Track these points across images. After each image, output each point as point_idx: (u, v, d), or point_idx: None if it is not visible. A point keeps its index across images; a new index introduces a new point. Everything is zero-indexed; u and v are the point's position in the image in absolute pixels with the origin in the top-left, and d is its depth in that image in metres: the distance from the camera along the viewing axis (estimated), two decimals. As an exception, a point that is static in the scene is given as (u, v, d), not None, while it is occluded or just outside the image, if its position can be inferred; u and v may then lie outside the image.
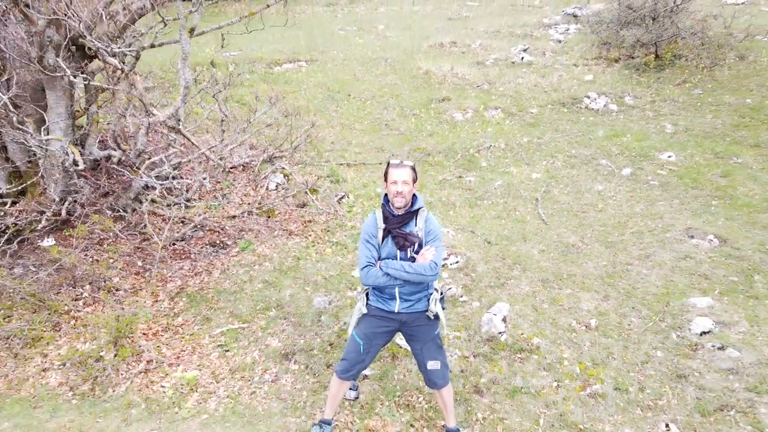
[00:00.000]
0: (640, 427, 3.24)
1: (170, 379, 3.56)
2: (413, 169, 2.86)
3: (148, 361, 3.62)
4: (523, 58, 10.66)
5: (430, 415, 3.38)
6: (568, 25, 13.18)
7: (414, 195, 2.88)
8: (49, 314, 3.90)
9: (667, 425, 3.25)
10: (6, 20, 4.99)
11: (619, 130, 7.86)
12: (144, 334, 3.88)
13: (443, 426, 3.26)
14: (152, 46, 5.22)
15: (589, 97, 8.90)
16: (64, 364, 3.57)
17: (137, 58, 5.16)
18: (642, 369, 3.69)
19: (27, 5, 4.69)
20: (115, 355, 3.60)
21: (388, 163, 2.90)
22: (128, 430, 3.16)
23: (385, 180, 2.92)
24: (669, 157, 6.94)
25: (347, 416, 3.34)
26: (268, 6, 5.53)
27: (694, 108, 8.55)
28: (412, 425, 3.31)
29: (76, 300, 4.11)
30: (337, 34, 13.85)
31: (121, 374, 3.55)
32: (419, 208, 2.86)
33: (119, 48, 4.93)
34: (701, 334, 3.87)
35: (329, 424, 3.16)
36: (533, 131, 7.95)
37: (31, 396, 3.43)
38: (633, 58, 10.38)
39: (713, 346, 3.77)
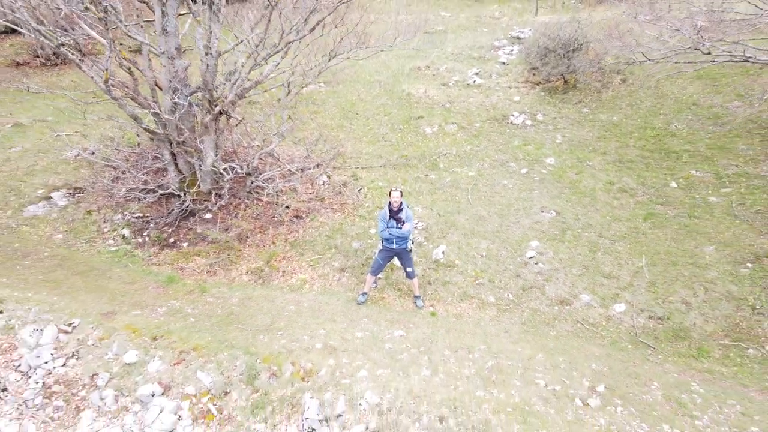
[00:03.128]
0: (497, 295, 7.38)
1: (294, 278, 7.57)
2: (401, 193, 6.79)
3: (283, 272, 7.62)
4: (474, 80, 14.35)
5: (407, 292, 7.46)
6: (513, 47, 16.75)
7: (402, 201, 6.81)
8: (232, 253, 7.85)
9: (507, 294, 7.39)
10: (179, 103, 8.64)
11: (527, 141, 11.77)
12: (277, 260, 7.86)
13: (414, 296, 7.34)
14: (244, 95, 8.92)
15: (513, 115, 12.72)
16: (247, 272, 7.55)
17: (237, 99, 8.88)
18: (503, 273, 7.80)
19: (210, 99, 8.36)
20: (269, 268, 7.58)
21: (391, 190, 6.80)
22: (283, 296, 7.18)
23: (389, 195, 6.83)
24: (550, 161, 10.91)
25: (372, 293, 7.41)
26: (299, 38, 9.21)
27: (579, 123, 12.44)
28: (400, 296, 7.39)
29: (241, 243, 8.05)
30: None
31: (273, 276, 7.55)
32: (402, 208, 6.80)
33: (234, 113, 8.66)
34: (529, 258, 7.99)
35: (366, 294, 7.22)
36: (474, 141, 11.82)
37: (239, 285, 7.42)
38: (549, 82, 14.15)
39: (533, 262, 7.88)
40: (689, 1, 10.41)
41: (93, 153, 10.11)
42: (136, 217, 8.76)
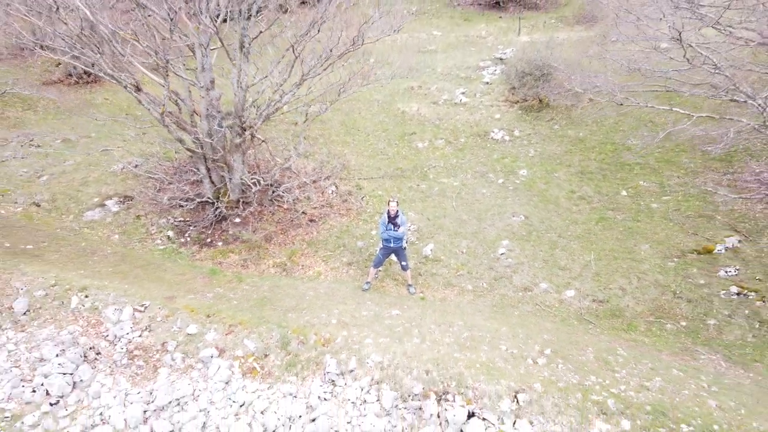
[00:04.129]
0: (474, 284, 9.07)
1: (311, 270, 9.23)
2: (397, 202, 8.46)
3: (302, 266, 9.28)
4: (461, 99, 16.03)
5: (402, 281, 9.14)
6: (496, 67, 18.42)
7: (398, 209, 8.48)
8: (260, 251, 9.49)
9: (482, 283, 9.09)
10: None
11: (505, 154, 13.46)
12: (297, 257, 9.51)
13: (407, 285, 9.01)
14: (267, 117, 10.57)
15: (494, 131, 14.41)
16: (273, 266, 9.20)
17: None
18: (479, 266, 9.49)
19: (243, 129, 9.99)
20: (290, 263, 9.23)
21: (389, 200, 8.46)
22: (303, 284, 8.84)
23: (388, 205, 8.49)
24: (523, 172, 12.60)
25: (374, 282, 9.08)
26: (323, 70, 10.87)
27: (550, 139, 14.15)
28: (396, 284, 9.06)
29: (267, 242, 9.70)
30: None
31: (294, 269, 9.21)
32: (398, 214, 8.46)
33: (258, 134, 10.29)
34: (501, 254, 9.68)
35: (369, 282, 8.89)
36: (459, 154, 13.51)
37: (267, 276, 9.07)
38: (526, 101, 15.85)
39: (504, 257, 9.58)
40: (610, 59, 12.09)
41: (136, 166, 11.72)
42: (178, 221, 10.39)
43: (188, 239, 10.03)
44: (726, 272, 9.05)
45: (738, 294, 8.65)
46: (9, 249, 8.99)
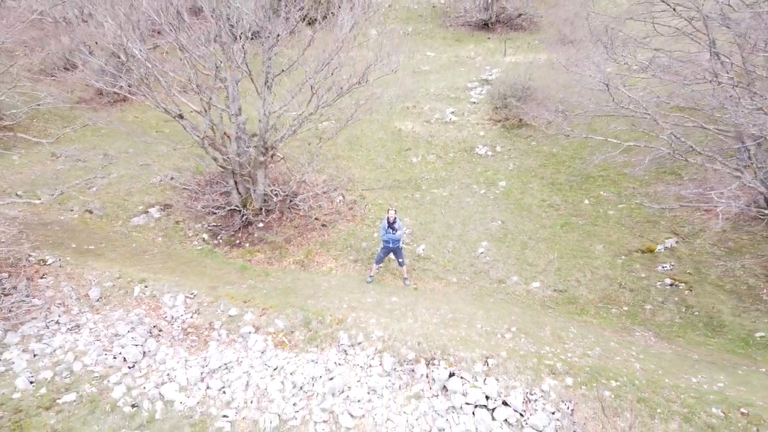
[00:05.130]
0: (458, 277, 10.86)
1: (324, 266, 11.00)
2: (395, 211, 10.26)
3: (317, 262, 11.04)
4: (450, 118, 17.85)
5: (399, 275, 10.93)
6: (482, 88, 20.26)
7: (395, 216, 10.28)
8: (282, 250, 11.25)
9: (464, 277, 10.88)
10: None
11: (487, 168, 15.27)
12: (313, 255, 11.28)
13: (403, 278, 10.79)
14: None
15: (478, 147, 16.23)
16: (293, 263, 10.97)
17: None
18: (462, 263, 11.29)
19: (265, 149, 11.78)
20: (307, 260, 11.00)
21: (388, 209, 10.27)
22: (319, 277, 10.60)
23: (387, 212, 10.29)
24: (502, 183, 14.41)
25: (376, 276, 10.87)
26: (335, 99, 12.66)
27: (527, 154, 15.97)
28: (394, 278, 10.85)
29: (287, 243, 11.46)
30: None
31: (311, 265, 10.98)
32: (396, 220, 10.26)
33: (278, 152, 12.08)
34: (480, 253, 11.49)
35: (372, 276, 10.67)
36: (449, 168, 15.31)
37: (289, 270, 10.83)
38: (507, 120, 17.68)
39: (483, 256, 11.38)
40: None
41: (172, 179, 13.47)
42: (212, 226, 12.15)
43: (220, 241, 11.79)
44: (663, 267, 10.88)
45: (671, 285, 10.49)
46: (76, 249, 10.74)
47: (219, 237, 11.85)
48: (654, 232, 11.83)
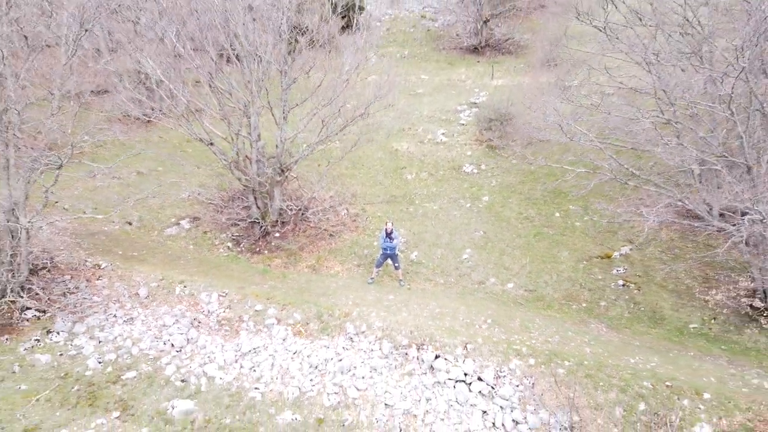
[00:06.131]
0: (445, 279, 12.65)
1: (332, 270, 12.78)
2: (392, 223, 12.07)
3: (326, 267, 12.82)
4: (441, 139, 19.69)
5: (395, 278, 12.71)
6: (470, 110, 22.14)
7: (392, 227, 12.09)
8: (296, 257, 13.03)
9: (450, 279, 12.67)
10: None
11: (473, 184, 17.10)
12: (322, 261, 13.06)
13: (399, 280, 12.57)
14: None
15: (466, 165, 18.05)
16: (306, 267, 12.74)
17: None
18: (448, 267, 13.08)
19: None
20: (318, 265, 12.78)
21: (386, 221, 12.07)
22: (328, 279, 12.37)
23: (385, 224, 12.10)
24: (485, 198, 16.23)
25: (376, 278, 12.66)
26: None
27: (508, 172, 17.81)
28: (391, 279, 12.64)
29: (300, 250, 13.24)
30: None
31: (321, 269, 12.75)
32: (393, 231, 12.07)
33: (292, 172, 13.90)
34: (464, 258, 13.29)
35: (373, 278, 12.45)
36: (439, 184, 17.14)
37: (303, 273, 12.60)
38: (491, 140, 19.54)
39: (467, 261, 13.18)
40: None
41: (199, 194, 15.26)
42: (235, 236, 13.92)
43: (243, 248, 13.56)
44: (617, 271, 12.70)
45: (623, 285, 12.31)
46: (122, 255, 12.51)
47: (242, 245, 13.62)
48: (612, 241, 13.66)
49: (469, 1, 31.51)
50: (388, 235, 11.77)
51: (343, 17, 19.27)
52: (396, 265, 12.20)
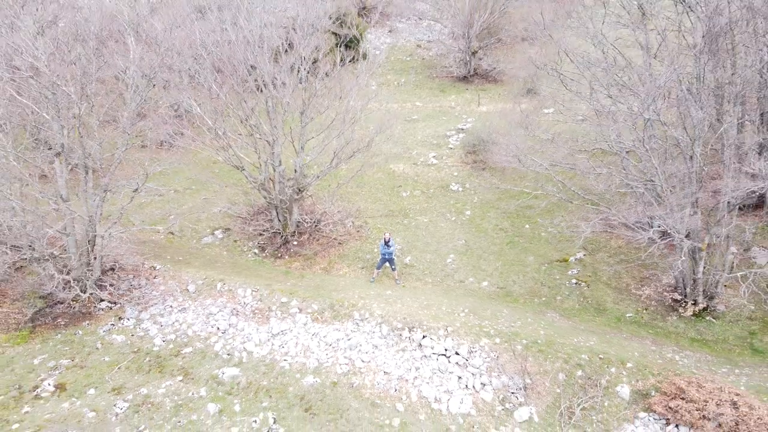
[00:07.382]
0: (432, 279, 15.27)
1: (341, 271, 15.37)
2: (390, 234, 14.70)
3: (336, 268, 15.41)
4: (432, 161, 22.38)
5: (392, 277, 15.31)
6: (458, 135, 24.86)
7: (390, 237, 14.72)
8: (311, 261, 15.61)
9: (437, 279, 15.29)
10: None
11: (458, 201, 19.74)
12: (333, 264, 15.66)
13: (395, 279, 15.16)
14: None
15: (452, 184, 20.70)
16: (320, 269, 15.33)
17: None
18: (435, 269, 15.69)
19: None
20: (330, 267, 15.37)
21: (385, 232, 14.71)
22: (338, 279, 14.95)
23: (384, 235, 14.73)
24: (468, 213, 18.87)
25: (377, 278, 15.26)
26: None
27: (489, 190, 20.44)
28: (389, 279, 15.24)
29: (315, 256, 15.83)
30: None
31: (332, 271, 15.34)
32: (390, 240, 14.68)
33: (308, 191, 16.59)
34: (448, 262, 15.90)
35: (374, 278, 15.04)
36: (429, 201, 19.78)
37: (318, 274, 15.19)
38: (476, 163, 22.21)
39: (450, 264, 15.79)
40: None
41: (229, 209, 17.90)
42: (260, 244, 16.52)
43: (267, 254, 16.16)
44: (572, 272, 15.33)
45: (575, 283, 14.92)
46: (171, 259, 15.10)
47: (266, 251, 16.23)
48: (570, 248, 16.31)
49: (459, 34, 34.45)
50: (386, 243, 14.38)
51: (347, 47, 22.14)
52: (393, 267, 14.81)
